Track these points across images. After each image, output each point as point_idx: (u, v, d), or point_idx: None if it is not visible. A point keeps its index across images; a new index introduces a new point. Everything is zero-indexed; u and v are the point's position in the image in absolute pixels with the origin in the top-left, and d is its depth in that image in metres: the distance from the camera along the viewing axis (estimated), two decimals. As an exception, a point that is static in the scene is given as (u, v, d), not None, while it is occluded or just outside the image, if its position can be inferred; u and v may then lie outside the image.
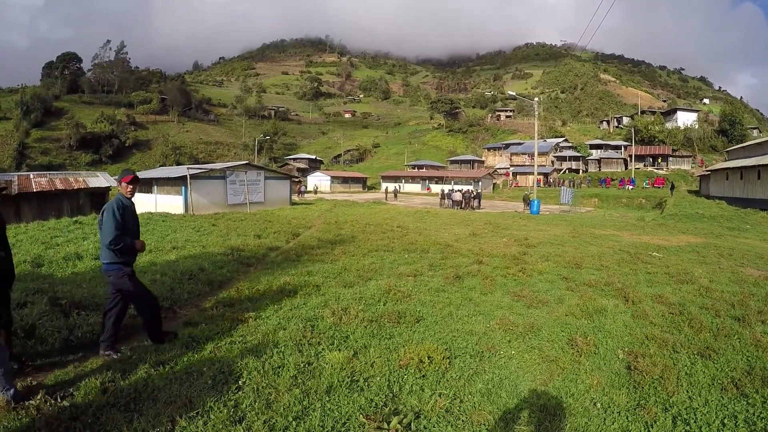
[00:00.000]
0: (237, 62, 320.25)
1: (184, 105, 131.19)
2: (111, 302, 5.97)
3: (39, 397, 4.43)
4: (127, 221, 5.90)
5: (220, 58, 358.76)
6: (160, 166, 76.16)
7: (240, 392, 4.69)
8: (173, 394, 4.57)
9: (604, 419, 4.48)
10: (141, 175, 37.84)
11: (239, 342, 6.06)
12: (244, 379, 4.95)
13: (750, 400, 4.82)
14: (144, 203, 32.98)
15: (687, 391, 5.02)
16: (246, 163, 36.82)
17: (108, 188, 28.85)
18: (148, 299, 6.13)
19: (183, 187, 29.97)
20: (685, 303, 8.55)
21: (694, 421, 4.43)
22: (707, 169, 57.75)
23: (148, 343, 6.10)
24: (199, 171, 31.89)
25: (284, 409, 4.36)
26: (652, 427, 4.34)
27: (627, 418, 4.49)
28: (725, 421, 4.44)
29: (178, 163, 79.85)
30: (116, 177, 7.38)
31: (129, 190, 6.07)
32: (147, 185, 34.19)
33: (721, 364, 5.72)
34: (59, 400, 4.45)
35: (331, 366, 5.25)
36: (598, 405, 4.76)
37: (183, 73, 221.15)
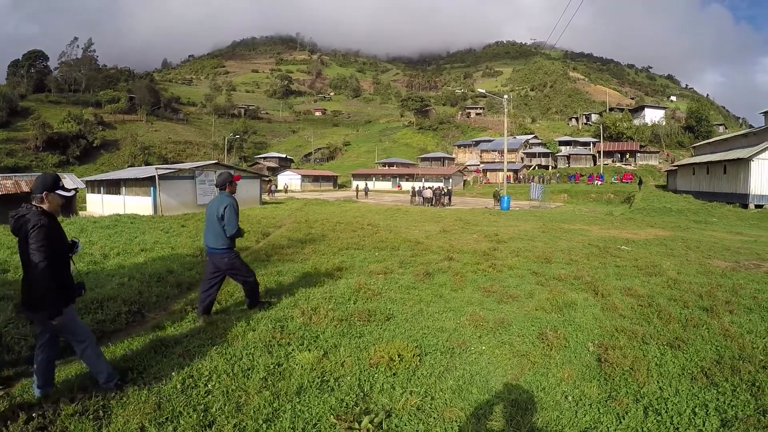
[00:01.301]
0: (207, 60, 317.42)
1: (152, 104, 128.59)
2: (210, 281, 7.24)
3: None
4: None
5: (189, 56, 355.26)
6: (128, 166, 74.63)
7: (210, 396, 4.61)
8: (142, 400, 4.45)
9: (576, 412, 4.48)
10: (109, 176, 37.48)
11: (208, 345, 5.93)
12: (214, 383, 4.86)
13: (720, 388, 4.86)
14: (112, 205, 32.51)
15: (657, 382, 5.05)
16: (215, 163, 36.48)
17: (76, 190, 28.28)
18: (250, 273, 7.50)
19: (151, 188, 29.48)
20: (654, 295, 8.61)
21: (666, 411, 4.45)
22: (674, 164, 58.76)
23: (246, 308, 7.56)
24: (168, 171, 31.40)
25: (254, 411, 4.30)
26: (624, 419, 4.34)
27: (598, 410, 4.49)
28: (696, 410, 4.47)
29: (147, 164, 78.42)
30: (215, 179, 7.77)
31: (235, 179, 7.47)
32: (115, 186, 33.67)
33: (690, 354, 5.77)
34: (27, 409, 4.33)
35: (301, 367, 5.17)
36: (570, 398, 4.75)
37: (152, 72, 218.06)
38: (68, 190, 4.88)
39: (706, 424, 4.23)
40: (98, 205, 35.56)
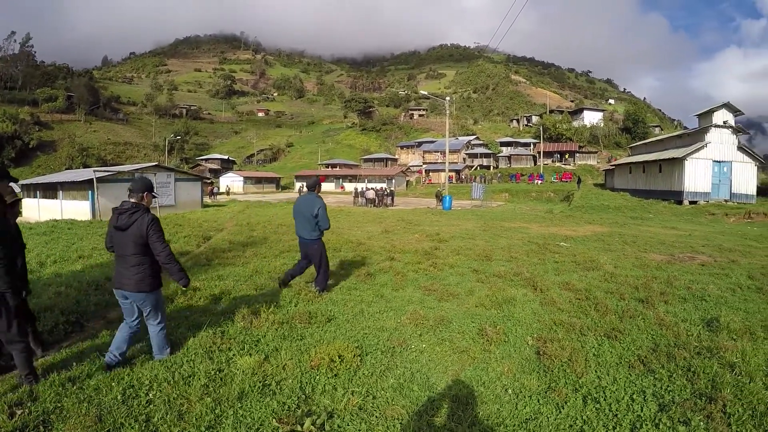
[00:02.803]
0: (148, 58, 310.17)
1: (91, 103, 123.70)
2: (300, 266, 8.99)
3: None
4: None
5: (130, 54, 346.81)
6: (66, 169, 71.44)
7: (151, 405, 4.44)
8: (83, 413, 4.26)
9: (516, 404, 4.50)
10: (45, 179, 35.95)
11: (149, 353, 5.74)
12: (155, 392, 4.69)
13: (657, 375, 4.99)
14: (49, 210, 31.06)
15: (595, 371, 5.14)
16: (155, 165, 35.33)
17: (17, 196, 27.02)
18: (327, 261, 8.98)
19: (90, 192, 28.15)
20: (591, 289, 8.78)
21: (604, 399, 4.52)
22: (612, 163, 60.36)
23: (314, 288, 8.61)
24: (107, 174, 30.09)
25: (196, 419, 4.20)
26: (563, 408, 4.38)
27: (538, 401, 4.54)
28: (634, 396, 4.56)
29: (85, 166, 75.21)
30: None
31: (321, 180, 7.81)
32: (52, 190, 32.17)
33: (627, 344, 5.91)
34: None
35: (243, 372, 5.07)
36: (510, 391, 4.78)
37: (91, 69, 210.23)
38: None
39: (644, 410, 4.30)
40: (34, 210, 33.92)
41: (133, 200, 5.35)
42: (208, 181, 65.41)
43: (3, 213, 5.20)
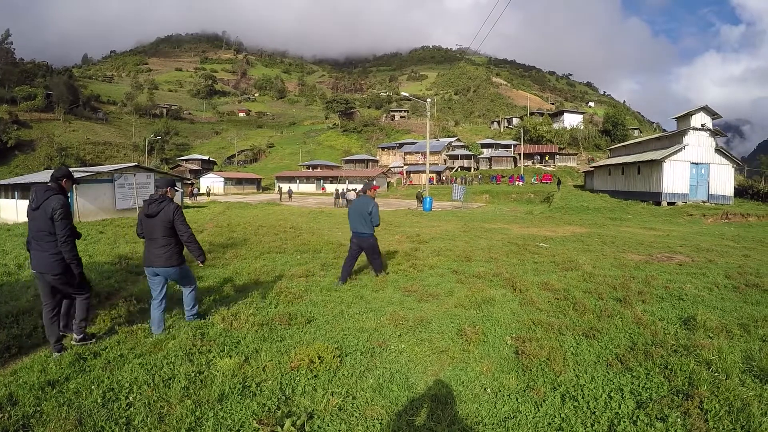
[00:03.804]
0: (129, 56, 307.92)
1: (71, 102, 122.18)
2: (353, 257, 9.94)
3: None
4: None
5: (111, 52, 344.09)
6: (44, 168, 70.43)
7: (131, 408, 4.42)
8: (63, 416, 4.22)
9: (495, 403, 4.51)
10: (23, 180, 35.31)
11: (128, 355, 5.69)
12: (135, 394, 4.65)
13: (634, 373, 5.02)
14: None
15: (574, 370, 5.16)
16: (135, 165, 34.81)
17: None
18: (379, 250, 10.34)
19: (69, 192, 27.78)
20: (570, 288, 8.81)
21: (582, 397, 4.54)
22: (591, 165, 60.84)
23: (372, 274, 10.10)
24: (85, 174, 29.61)
25: (177, 421, 4.17)
26: (542, 407, 4.40)
27: (517, 400, 4.55)
28: (612, 394, 4.58)
29: (64, 166, 74.52)
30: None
31: (374, 190, 10.59)
32: (29, 191, 31.72)
33: (605, 343, 5.93)
34: None
35: (223, 373, 5.04)
36: (488, 390, 4.78)
37: (71, 67, 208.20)
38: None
39: (622, 407, 4.33)
40: (12, 211, 33.23)
41: (159, 193, 6.58)
42: (189, 182, 64.87)
43: (66, 196, 6.18)
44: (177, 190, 7.13)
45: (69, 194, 6.42)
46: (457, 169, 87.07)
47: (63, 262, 5.90)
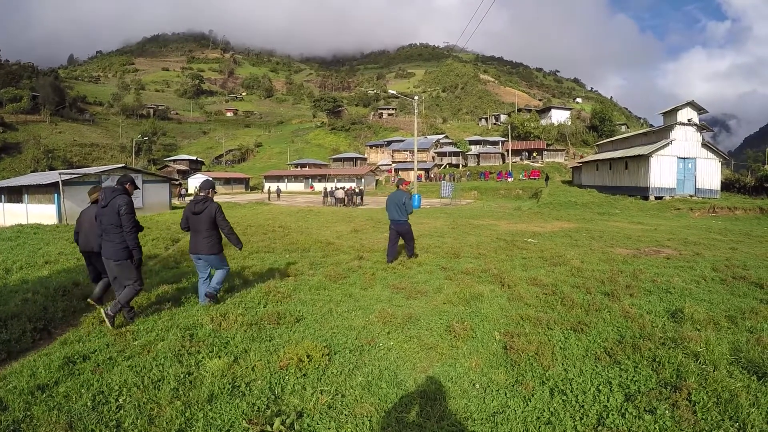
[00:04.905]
0: (115, 57, 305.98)
1: (57, 103, 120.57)
2: (394, 242, 11.75)
3: None
4: None
5: (97, 52, 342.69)
6: (31, 171, 69.74)
7: (121, 411, 4.38)
8: (53, 420, 4.17)
9: (484, 398, 4.53)
10: (9, 183, 34.83)
11: (117, 358, 5.64)
12: (125, 397, 4.62)
13: (623, 366, 5.05)
14: (14, 214, 30.10)
15: (562, 364, 5.18)
16: (122, 167, 34.53)
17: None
18: (412, 235, 12.10)
19: (55, 195, 27.37)
20: (558, 283, 8.85)
21: (571, 391, 4.56)
22: (579, 161, 61.01)
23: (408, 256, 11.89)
24: (73, 176, 29.32)
25: (167, 423, 4.16)
26: (531, 401, 4.42)
27: (506, 395, 4.57)
28: (600, 387, 4.61)
29: (51, 168, 73.31)
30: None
31: (405, 185, 12.17)
32: (17, 194, 31.19)
33: (593, 336, 5.96)
34: None
35: (212, 374, 5.02)
36: (477, 386, 4.80)
37: (57, 68, 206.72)
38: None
39: (611, 400, 4.35)
40: (-1, 214, 33.09)
41: (202, 194, 7.83)
42: (177, 182, 64.46)
43: (130, 196, 7.22)
44: (216, 192, 8.28)
45: (132, 195, 7.40)
46: (445, 166, 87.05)
47: (125, 251, 6.98)
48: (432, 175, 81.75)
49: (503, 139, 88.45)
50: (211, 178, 8.26)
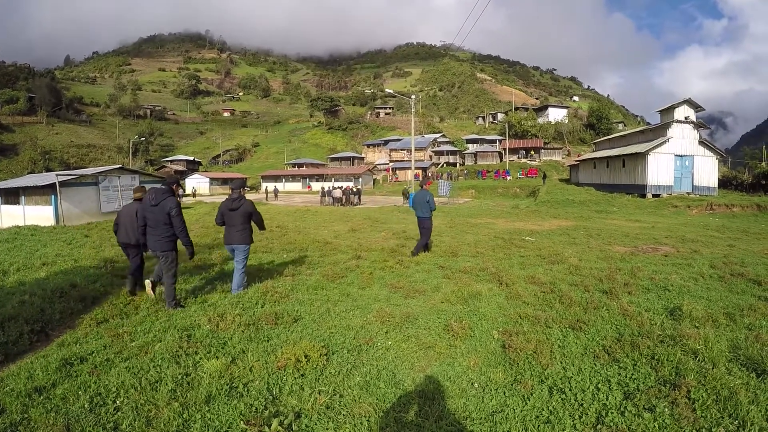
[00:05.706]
0: (112, 57, 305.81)
1: (54, 104, 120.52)
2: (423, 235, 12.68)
3: None
4: None
5: (93, 53, 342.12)
6: (28, 173, 69.44)
7: (119, 412, 4.37)
8: (50, 423, 4.16)
9: (482, 398, 4.52)
10: (6, 184, 34.56)
11: (115, 359, 5.61)
12: (122, 398, 4.60)
13: (621, 364, 5.04)
14: (12, 216, 29.94)
15: (561, 363, 5.17)
16: (119, 167, 34.35)
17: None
18: (430, 230, 12.81)
19: (53, 196, 27.16)
20: (556, 281, 8.84)
21: (570, 389, 4.55)
22: (576, 159, 61.01)
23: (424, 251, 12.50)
24: (70, 177, 29.07)
25: (164, 424, 4.14)
26: (530, 400, 4.41)
27: (504, 394, 4.56)
28: (599, 385, 4.60)
29: (48, 170, 73.13)
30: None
31: (428, 185, 13.42)
32: (14, 195, 30.96)
33: (591, 335, 5.94)
34: None
35: (210, 375, 5.00)
36: (476, 385, 4.79)
37: (53, 69, 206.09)
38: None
39: (610, 398, 4.34)
40: (-4, 216, 32.89)
41: (236, 193, 8.81)
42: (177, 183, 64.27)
43: (176, 196, 8.22)
44: (248, 190, 7.85)
45: (176, 194, 8.30)
46: (442, 165, 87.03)
47: (170, 243, 8.01)
48: (429, 174, 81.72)
49: (500, 137, 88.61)
50: (243, 178, 8.89)
